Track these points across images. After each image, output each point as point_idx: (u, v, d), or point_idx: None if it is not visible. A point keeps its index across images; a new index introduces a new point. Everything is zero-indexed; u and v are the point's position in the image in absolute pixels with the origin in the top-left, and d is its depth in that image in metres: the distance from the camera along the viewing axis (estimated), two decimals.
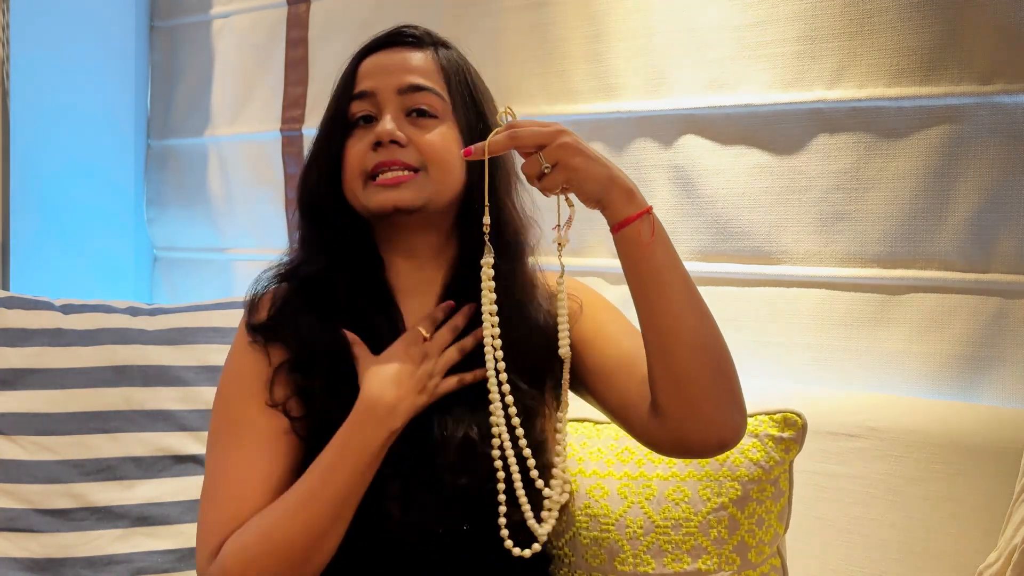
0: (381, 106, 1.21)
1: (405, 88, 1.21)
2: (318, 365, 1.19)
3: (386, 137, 1.18)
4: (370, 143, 1.19)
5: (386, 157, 1.18)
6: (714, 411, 1.09)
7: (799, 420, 1.33)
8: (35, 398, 1.74)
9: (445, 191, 1.21)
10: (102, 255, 2.60)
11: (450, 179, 1.21)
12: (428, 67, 1.24)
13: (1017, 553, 1.05)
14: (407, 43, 1.26)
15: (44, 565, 1.70)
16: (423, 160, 1.19)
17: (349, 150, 1.21)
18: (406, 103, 1.21)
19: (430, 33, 1.28)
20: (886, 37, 1.53)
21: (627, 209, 1.09)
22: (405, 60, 1.23)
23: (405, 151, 1.19)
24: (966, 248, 1.48)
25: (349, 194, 1.22)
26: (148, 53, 2.66)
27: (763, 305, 1.68)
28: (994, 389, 1.47)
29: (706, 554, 1.29)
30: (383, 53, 1.25)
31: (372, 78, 1.23)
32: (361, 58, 1.25)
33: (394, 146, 1.19)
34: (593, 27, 1.83)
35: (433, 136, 1.20)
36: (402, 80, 1.21)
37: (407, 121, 1.21)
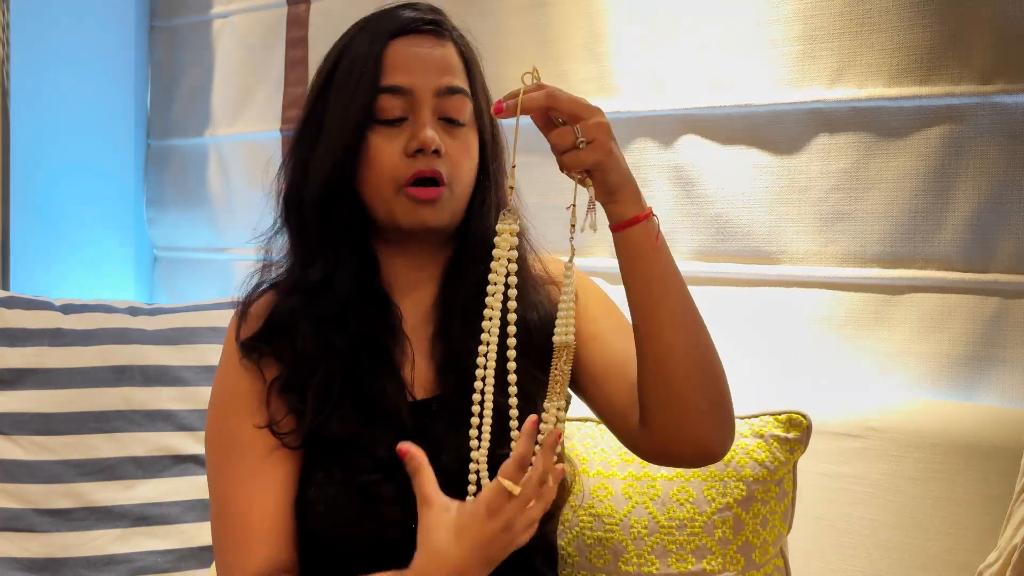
0: (417, 107, 1.14)
1: (443, 90, 1.14)
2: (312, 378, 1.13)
3: (430, 147, 1.11)
4: (408, 149, 1.12)
5: (426, 167, 1.12)
6: (702, 425, 1.07)
7: (804, 421, 1.33)
8: (35, 398, 1.74)
9: (461, 206, 1.17)
10: (102, 255, 2.60)
11: (466, 194, 1.17)
12: (457, 64, 1.17)
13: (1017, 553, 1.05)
14: (430, 31, 1.17)
15: (44, 565, 1.70)
16: (452, 175, 1.14)
17: (378, 151, 1.13)
18: (440, 107, 1.14)
19: (442, 13, 1.21)
20: (886, 37, 1.53)
21: (635, 208, 1.06)
22: (438, 56, 1.16)
23: (441, 161, 1.13)
24: (966, 248, 1.48)
25: (374, 198, 1.14)
26: (148, 53, 2.66)
27: (763, 305, 1.68)
28: (994, 389, 1.47)
29: (710, 554, 1.29)
30: (411, 40, 1.15)
31: (407, 73, 1.14)
32: (384, 42, 1.15)
33: (434, 156, 1.12)
34: (593, 27, 1.83)
35: (462, 149, 1.15)
36: (440, 81, 1.14)
37: (439, 127, 1.14)
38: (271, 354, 1.15)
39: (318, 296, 1.15)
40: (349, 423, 1.11)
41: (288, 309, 1.16)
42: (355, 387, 1.13)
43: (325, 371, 1.13)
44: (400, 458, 1.06)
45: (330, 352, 1.13)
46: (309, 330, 1.14)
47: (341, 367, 1.13)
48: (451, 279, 1.20)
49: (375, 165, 1.13)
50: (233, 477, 1.13)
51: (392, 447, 1.06)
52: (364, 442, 1.11)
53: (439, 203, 1.13)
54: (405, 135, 1.13)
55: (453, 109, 1.15)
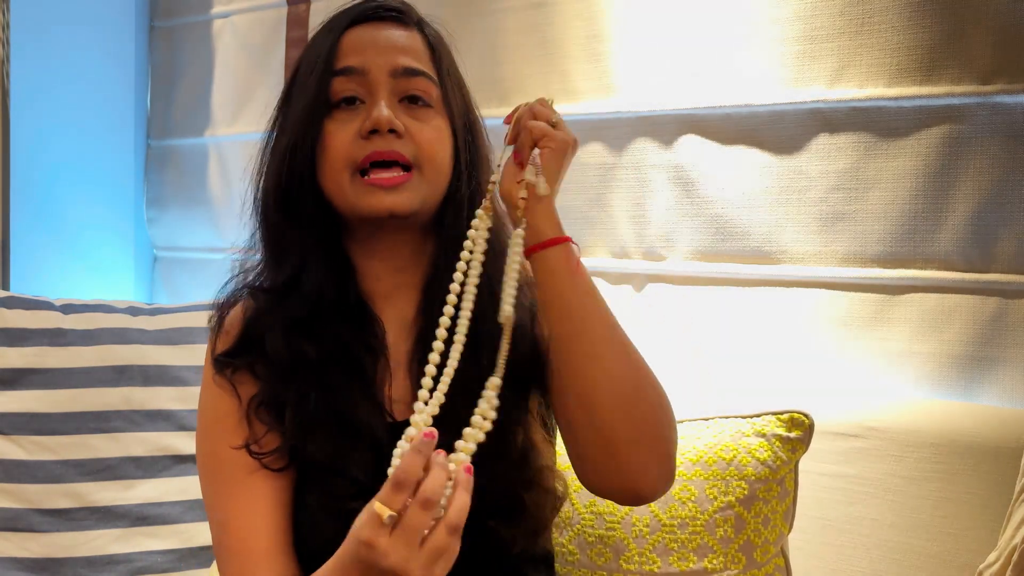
0: (372, 88, 1.08)
1: (400, 71, 1.09)
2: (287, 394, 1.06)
3: (385, 125, 1.05)
4: (362, 130, 1.06)
5: (383, 147, 1.05)
6: (631, 462, 1.01)
7: (806, 420, 1.33)
8: (35, 398, 1.74)
9: (436, 192, 1.10)
10: (102, 255, 2.60)
11: (441, 179, 1.10)
12: (419, 47, 1.12)
13: (1017, 553, 1.05)
14: (392, 18, 1.13)
15: (44, 565, 1.70)
16: (419, 157, 1.07)
17: (332, 136, 1.07)
18: (399, 87, 1.08)
19: (410, 7, 1.16)
20: (886, 37, 1.53)
21: (553, 231, 1.02)
22: (396, 38, 1.11)
23: (401, 142, 1.06)
24: (966, 248, 1.48)
25: (331, 186, 1.08)
26: (148, 53, 2.66)
27: (763, 305, 1.68)
28: (994, 389, 1.47)
29: (712, 553, 1.29)
30: (368, 27, 1.12)
31: (360, 54, 1.09)
32: (341, 30, 1.12)
33: (391, 136, 1.06)
34: (593, 27, 1.83)
35: (430, 131, 1.09)
36: (396, 61, 1.09)
37: (400, 108, 1.08)
38: (245, 368, 1.09)
39: (287, 297, 1.09)
40: (325, 445, 1.05)
41: (257, 313, 1.10)
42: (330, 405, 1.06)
43: (299, 386, 1.06)
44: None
45: (303, 363, 1.07)
46: (279, 334, 1.08)
47: (315, 382, 1.07)
48: (432, 284, 1.12)
49: (329, 150, 1.07)
50: (225, 499, 1.08)
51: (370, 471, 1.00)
52: (341, 465, 1.04)
53: (405, 187, 1.06)
54: (360, 118, 1.07)
55: (414, 88, 1.09)
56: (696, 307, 1.75)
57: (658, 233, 1.77)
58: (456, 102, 1.13)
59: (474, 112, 1.16)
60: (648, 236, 1.78)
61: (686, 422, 1.39)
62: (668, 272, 1.77)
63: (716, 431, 1.36)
